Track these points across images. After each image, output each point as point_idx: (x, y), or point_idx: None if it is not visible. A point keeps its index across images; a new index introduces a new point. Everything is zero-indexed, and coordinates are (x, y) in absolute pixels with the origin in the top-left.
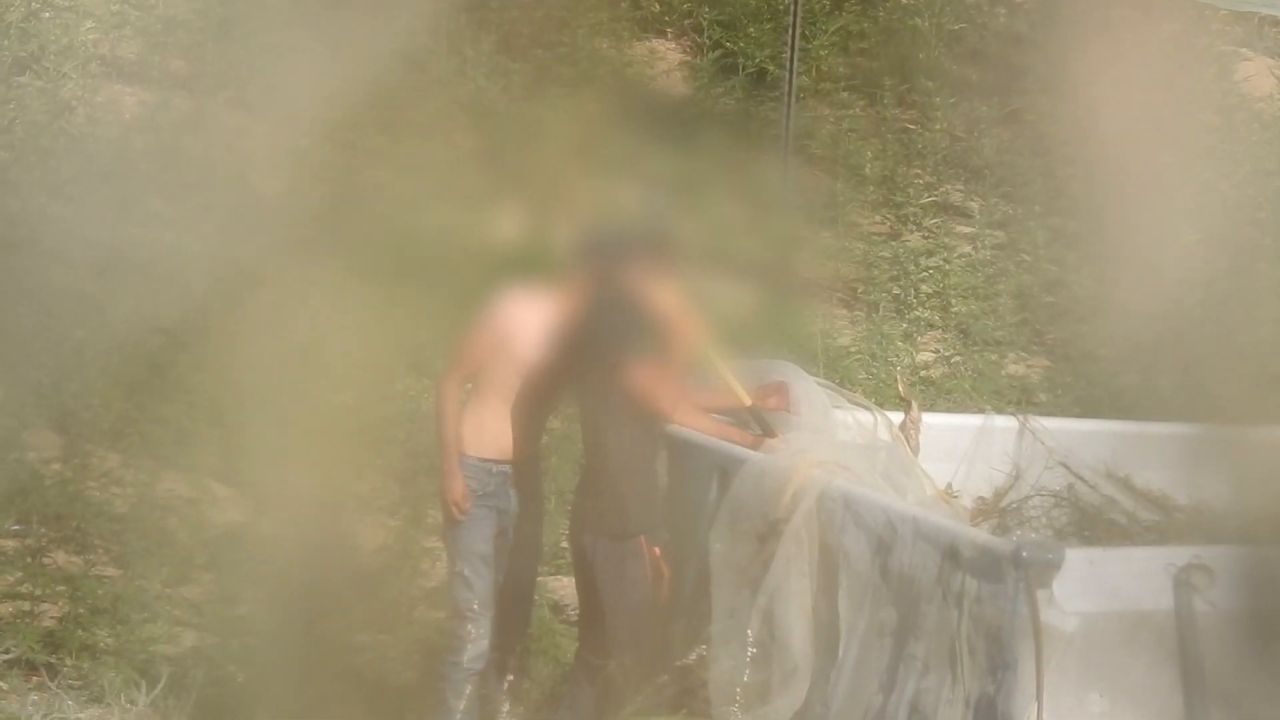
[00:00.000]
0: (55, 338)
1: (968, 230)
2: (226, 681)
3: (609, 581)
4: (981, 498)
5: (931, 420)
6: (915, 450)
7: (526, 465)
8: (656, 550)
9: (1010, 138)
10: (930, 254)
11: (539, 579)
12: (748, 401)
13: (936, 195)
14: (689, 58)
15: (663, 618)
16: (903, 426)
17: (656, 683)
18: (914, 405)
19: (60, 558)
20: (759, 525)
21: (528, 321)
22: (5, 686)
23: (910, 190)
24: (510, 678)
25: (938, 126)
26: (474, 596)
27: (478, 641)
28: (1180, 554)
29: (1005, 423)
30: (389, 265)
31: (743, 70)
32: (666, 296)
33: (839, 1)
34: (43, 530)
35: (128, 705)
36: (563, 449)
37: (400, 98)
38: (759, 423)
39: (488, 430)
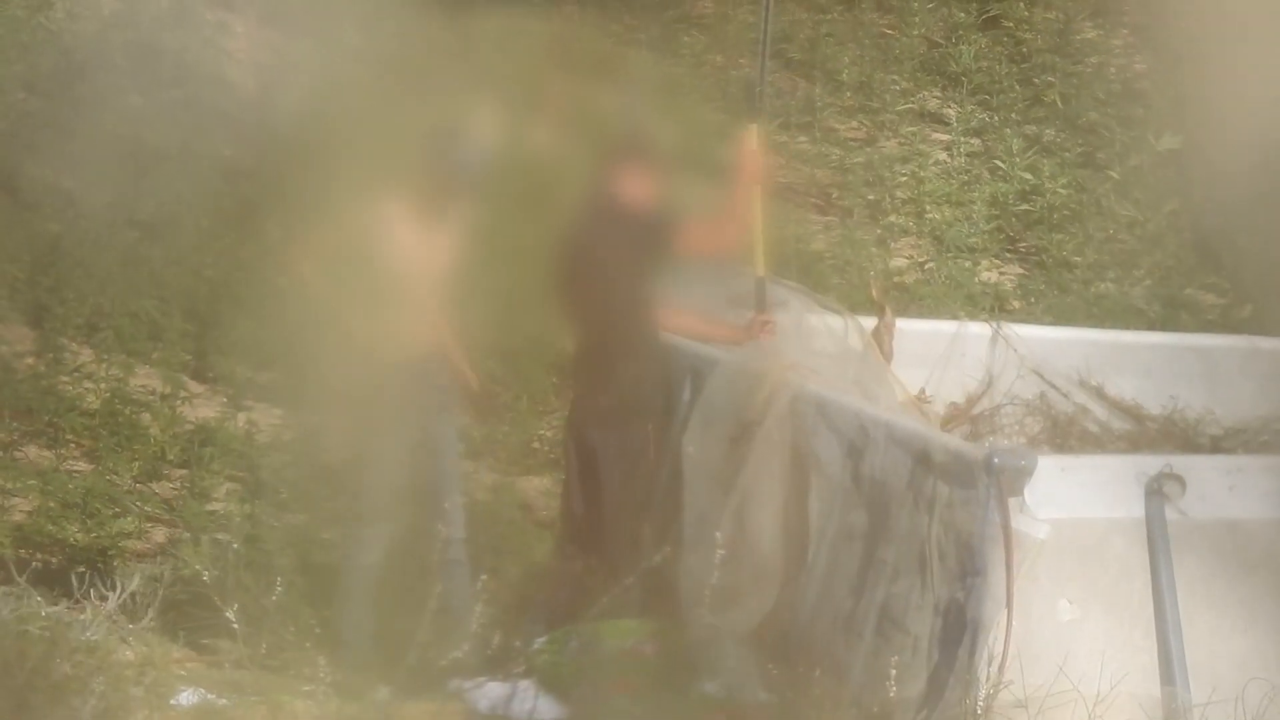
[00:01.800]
0: (30, 231)
1: (944, 137)
2: (196, 579)
3: (618, 475)
4: (954, 404)
5: (905, 326)
6: (888, 356)
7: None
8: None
9: (988, 44)
10: (905, 160)
11: (509, 479)
12: (761, 272)
13: (913, 102)
14: None
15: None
16: (876, 332)
17: (625, 583)
18: (888, 310)
19: (31, 452)
20: (731, 427)
21: (404, 228)
22: None
23: (887, 96)
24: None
25: (916, 32)
26: (376, 503)
27: (375, 545)
28: (1152, 463)
29: (979, 329)
30: (364, 165)
31: None
32: (663, 203)
33: None
34: (14, 424)
35: (97, 602)
36: (534, 353)
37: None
38: (759, 294)
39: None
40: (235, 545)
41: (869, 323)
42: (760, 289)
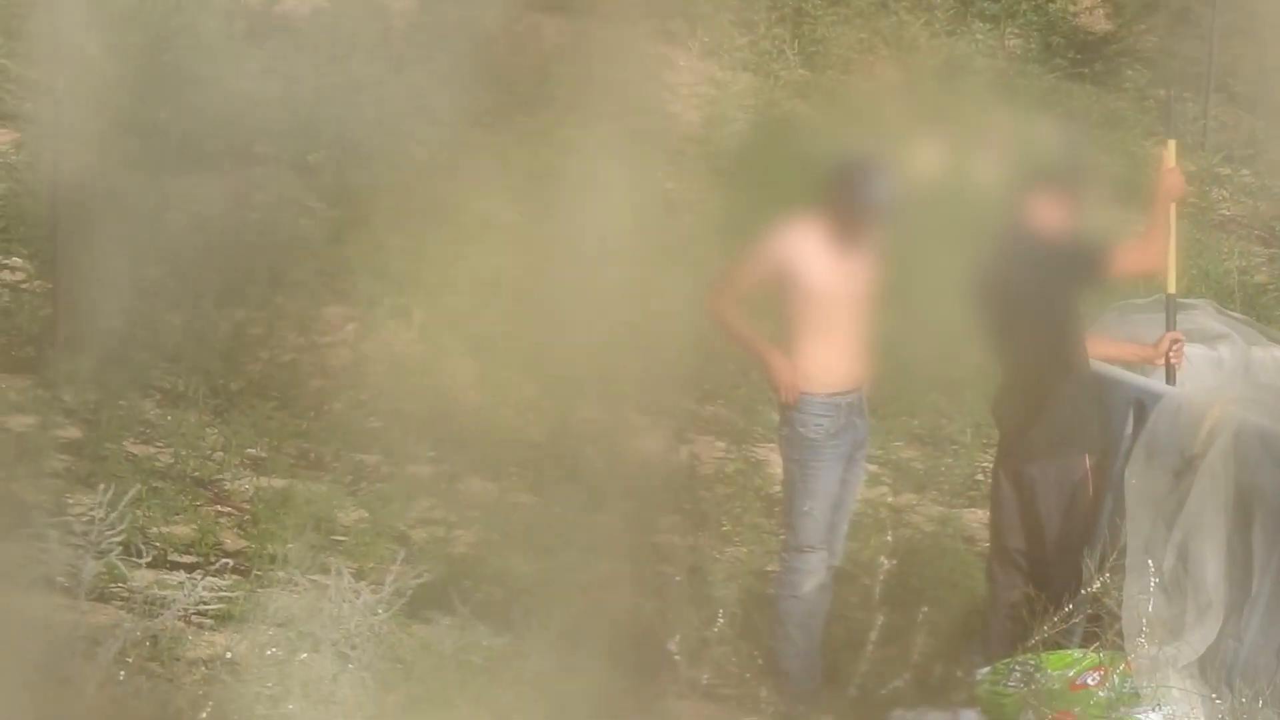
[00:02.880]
0: (472, 264)
1: None
2: (639, 612)
3: (1055, 509)
4: None
5: None
6: None
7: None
8: (1088, 477)
9: None
10: None
11: (953, 510)
12: (1172, 289)
13: None
14: None
15: (1080, 550)
16: None
17: (1066, 615)
18: None
19: (474, 485)
20: (1175, 461)
21: (810, 251)
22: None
23: None
24: (924, 610)
25: None
26: (817, 532)
27: (817, 572)
28: None
29: None
30: (788, 194)
31: (1165, 7)
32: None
33: None
34: (457, 456)
35: (540, 633)
36: (978, 384)
37: (822, 30)
38: (1169, 314)
39: (826, 364)
40: (678, 577)
41: None
42: (1170, 307)
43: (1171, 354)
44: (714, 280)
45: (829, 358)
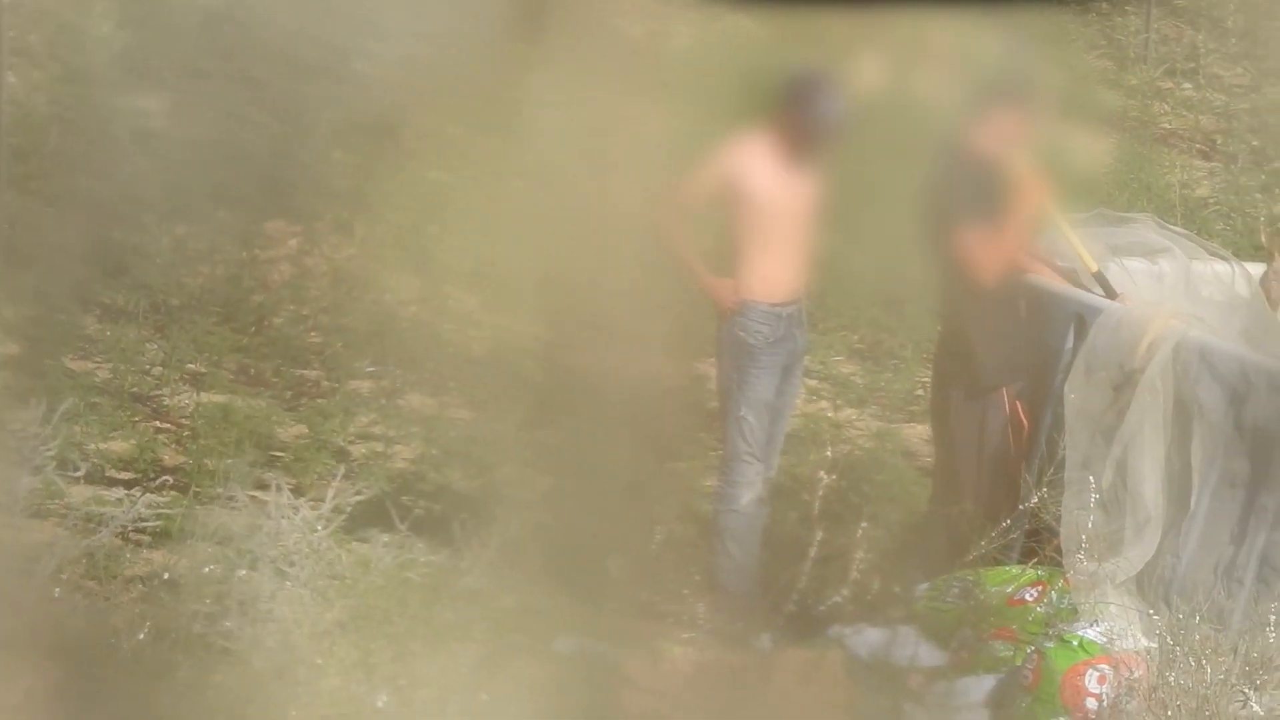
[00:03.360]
0: (412, 178)
1: None
2: (578, 528)
3: (967, 434)
4: None
5: None
6: (1275, 303)
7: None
8: (1016, 403)
9: None
10: None
11: (893, 426)
12: (1094, 267)
13: None
14: None
15: (1017, 467)
16: (1264, 279)
17: (1004, 530)
18: (1277, 257)
19: (415, 400)
20: (1114, 375)
21: (757, 164)
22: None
23: (1272, 43)
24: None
25: None
26: (753, 441)
27: (754, 485)
28: None
29: None
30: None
31: None
32: (1019, 156)
33: None
34: (398, 372)
35: (479, 550)
36: (918, 299)
37: None
38: (1103, 287)
39: (769, 274)
40: (616, 495)
41: (1256, 270)
42: (1102, 282)
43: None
44: (661, 193)
45: (771, 268)
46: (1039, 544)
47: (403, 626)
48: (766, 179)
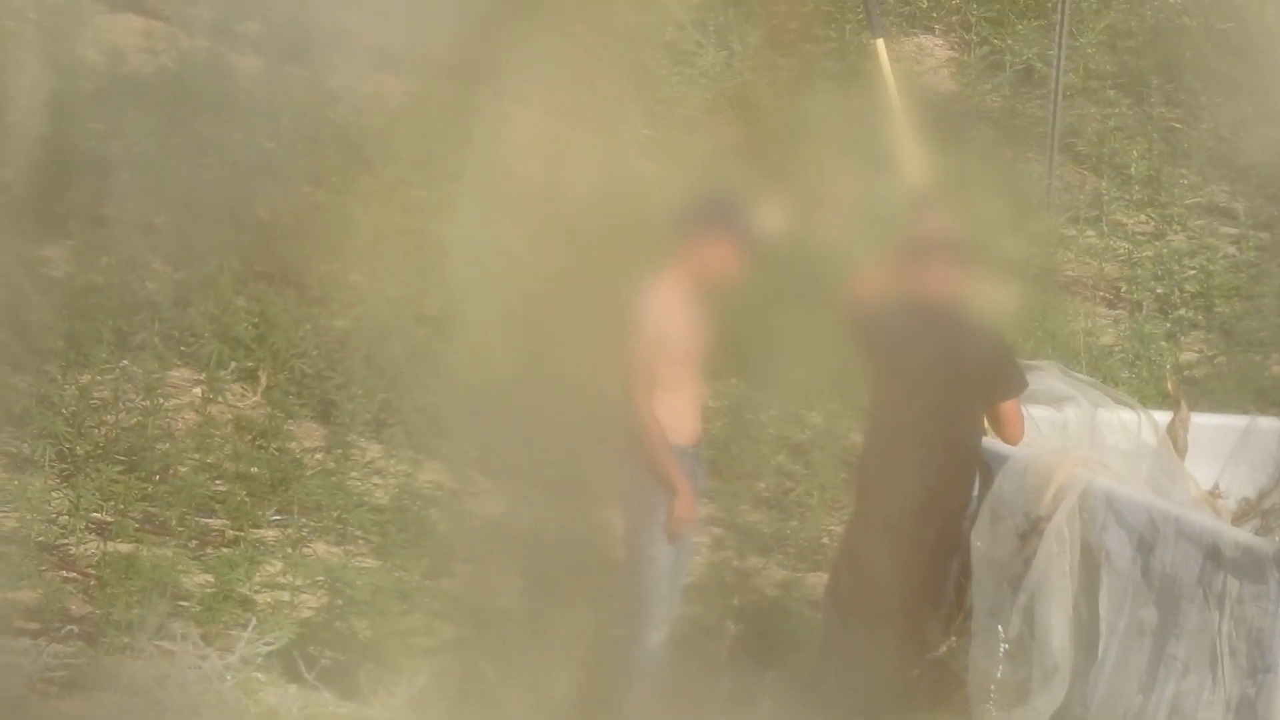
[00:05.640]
0: (318, 327)
1: (1232, 231)
2: (485, 676)
3: (913, 569)
4: (1245, 499)
5: (1197, 420)
6: (1182, 451)
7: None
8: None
9: (1277, 137)
10: (1194, 254)
11: (798, 575)
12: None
13: (1201, 196)
14: (957, 54)
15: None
16: (1170, 427)
17: (911, 678)
18: (1183, 405)
19: (320, 548)
20: (1021, 523)
21: (677, 309)
22: (263, 679)
23: (1175, 190)
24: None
25: (1204, 126)
26: (659, 582)
27: (661, 626)
28: None
29: (1269, 424)
30: (653, 255)
31: (1010, 67)
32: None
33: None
34: (303, 520)
35: (386, 699)
36: (824, 445)
37: (667, 90)
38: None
39: (676, 414)
40: (521, 640)
41: (1163, 418)
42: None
43: None
44: (625, 377)
45: (679, 408)
46: (945, 693)
47: None
48: (680, 317)
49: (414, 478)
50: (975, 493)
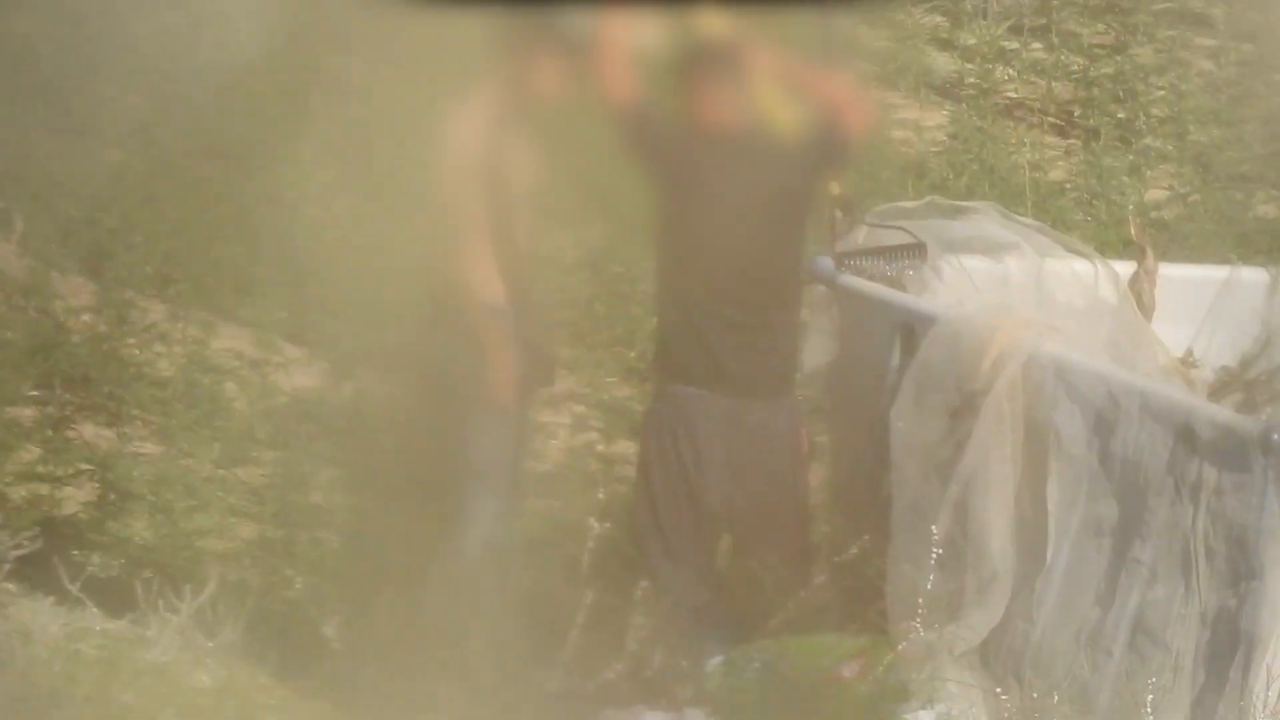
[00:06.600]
0: (88, 160)
1: (1209, 43)
2: (288, 586)
3: (771, 455)
4: (1225, 367)
5: (1166, 272)
6: (1149, 309)
7: None
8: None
9: None
10: (1163, 71)
11: None
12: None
13: (1172, 0)
14: None
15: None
16: (1134, 280)
17: (813, 589)
18: (1148, 253)
19: (88, 431)
20: (951, 398)
21: (493, 135)
22: (14, 589)
23: None
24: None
25: None
26: (491, 463)
27: (499, 520)
28: None
29: (1253, 276)
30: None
31: None
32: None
33: None
34: (68, 397)
35: (167, 615)
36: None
37: None
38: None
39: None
40: (337, 545)
41: (1125, 269)
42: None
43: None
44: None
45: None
46: (860, 607)
47: (72, 711)
48: (497, 144)
49: (205, 345)
50: (895, 362)
